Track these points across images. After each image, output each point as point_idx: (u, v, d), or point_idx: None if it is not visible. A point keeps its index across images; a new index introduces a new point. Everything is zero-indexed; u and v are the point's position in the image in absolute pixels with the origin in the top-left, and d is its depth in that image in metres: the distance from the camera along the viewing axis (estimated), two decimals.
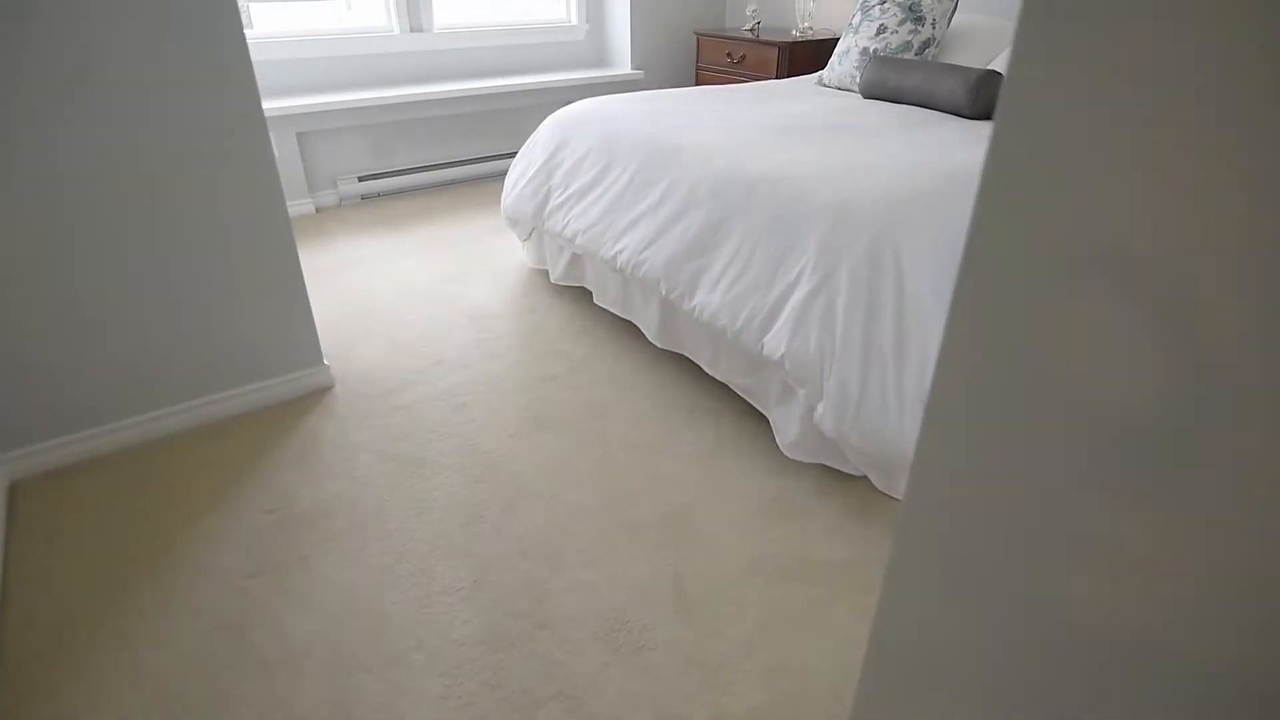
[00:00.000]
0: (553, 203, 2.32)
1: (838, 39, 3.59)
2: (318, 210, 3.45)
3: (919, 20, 2.66)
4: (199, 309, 1.78)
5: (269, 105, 3.07)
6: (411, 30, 3.58)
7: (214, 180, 1.68)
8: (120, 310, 1.69)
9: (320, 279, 2.69)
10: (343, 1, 3.53)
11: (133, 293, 1.69)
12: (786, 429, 1.68)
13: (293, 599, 1.40)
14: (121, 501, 1.62)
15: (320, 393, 2.02)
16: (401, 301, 2.52)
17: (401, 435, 1.85)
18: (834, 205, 1.56)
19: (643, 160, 2.04)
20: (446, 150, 3.78)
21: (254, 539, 1.53)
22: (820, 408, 1.51)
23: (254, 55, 3.21)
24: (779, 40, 3.47)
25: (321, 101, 3.18)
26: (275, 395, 1.97)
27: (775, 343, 1.57)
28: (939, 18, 2.66)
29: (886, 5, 2.74)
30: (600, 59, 4.24)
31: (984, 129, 2.16)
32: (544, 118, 4.01)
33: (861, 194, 1.57)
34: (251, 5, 3.35)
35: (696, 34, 3.89)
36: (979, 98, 2.26)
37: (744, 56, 3.64)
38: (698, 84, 3.95)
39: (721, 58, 3.76)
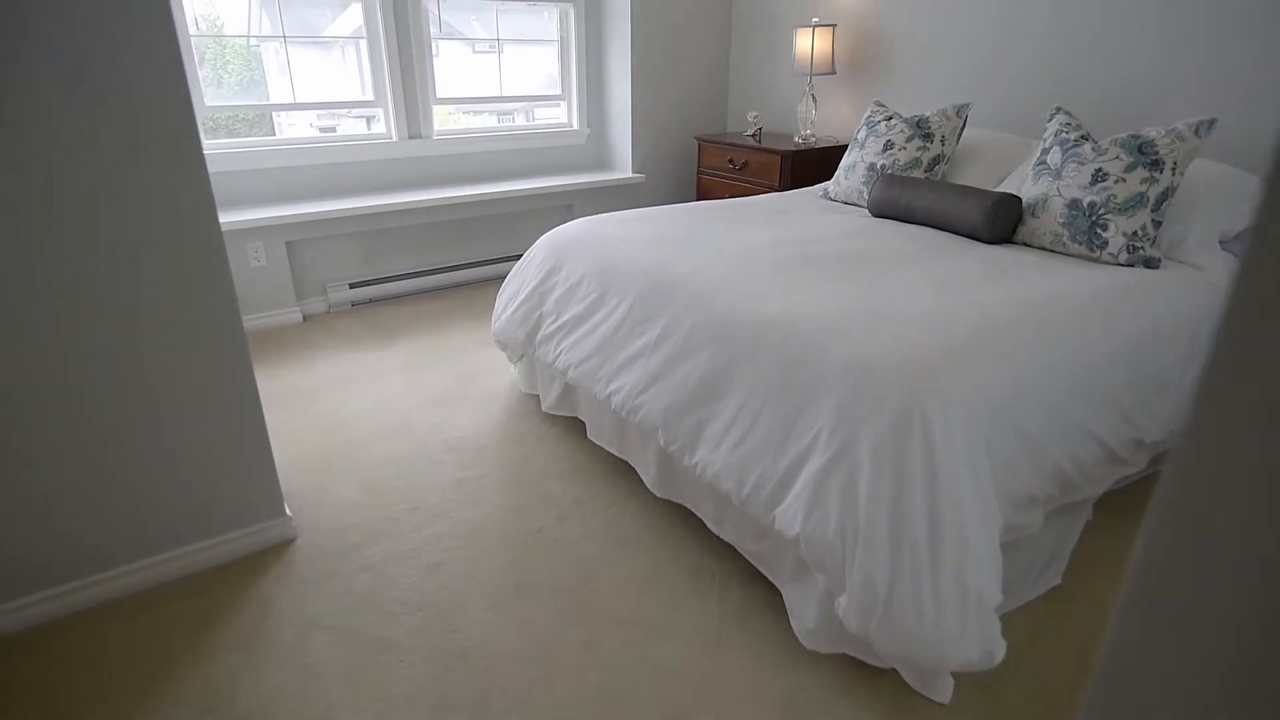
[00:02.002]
0: (544, 330, 2.17)
1: (840, 146, 3.54)
2: (305, 318, 3.32)
3: (927, 137, 2.57)
4: (139, 459, 1.59)
5: (259, 215, 2.98)
6: (410, 137, 3.54)
7: (159, 311, 1.53)
8: (38, 460, 1.50)
9: (299, 402, 2.52)
10: (344, 111, 3.51)
11: (53, 439, 1.50)
12: (803, 612, 1.47)
13: None
14: (29, 696, 1.40)
15: (281, 547, 1.82)
16: (382, 431, 2.34)
17: (365, 605, 1.63)
18: (852, 365, 1.39)
19: (640, 293, 1.90)
20: (441, 255, 3.69)
21: None
22: (843, 601, 1.30)
23: (244, 164, 3.15)
24: (781, 148, 3.41)
25: (314, 211, 3.09)
26: (229, 552, 1.76)
27: (789, 518, 1.37)
28: (948, 135, 2.57)
29: (893, 121, 2.67)
30: (601, 162, 4.21)
31: (1005, 258, 2.03)
32: (543, 221, 3.95)
33: (883, 352, 1.40)
34: (277, 115, 3.33)
35: (698, 139, 3.85)
36: (996, 221, 2.14)
37: (746, 163, 3.58)
38: (699, 188, 3.89)
39: (723, 163, 3.71)
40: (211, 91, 3.07)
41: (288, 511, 1.85)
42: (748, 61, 4.08)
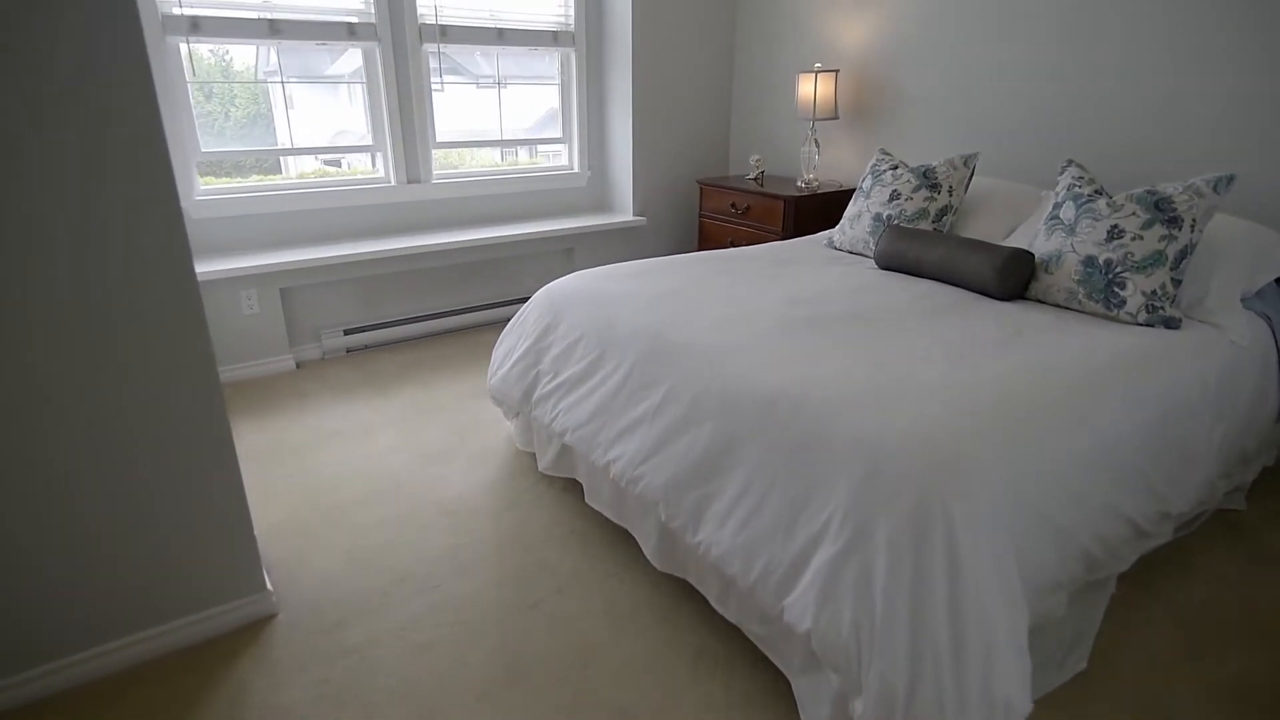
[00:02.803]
0: (541, 389, 2.09)
1: (844, 191, 3.50)
2: (299, 365, 3.25)
3: (934, 187, 2.52)
4: (101, 530, 1.50)
5: (254, 262, 2.93)
6: (409, 181, 3.51)
7: (127, 368, 1.44)
8: None
9: (286, 459, 2.44)
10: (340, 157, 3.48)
11: (10, 511, 1.41)
12: (815, 709, 1.36)
13: None
14: None
15: (260, 624, 1.72)
16: (372, 493, 2.25)
17: (345, 695, 1.53)
18: (865, 447, 1.31)
19: (640, 356, 1.82)
20: (439, 300, 3.63)
21: None
22: (859, 705, 1.20)
23: (241, 210, 3.11)
24: (784, 193, 3.36)
25: (309, 258, 3.04)
26: (204, 631, 1.66)
27: (799, 611, 1.28)
28: (955, 185, 2.52)
29: (899, 171, 2.62)
30: (602, 204, 4.17)
31: (1019, 316, 1.95)
32: (543, 265, 3.90)
33: (898, 433, 1.32)
34: (288, 158, 3.30)
35: (700, 183, 3.81)
36: (1008, 278, 2.07)
37: (749, 208, 3.54)
38: (700, 232, 3.84)
39: (725, 207, 3.66)
40: (218, 126, 3.04)
41: (268, 585, 1.75)
42: (750, 105, 4.06)
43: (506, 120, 3.78)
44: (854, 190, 3.55)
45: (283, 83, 3.15)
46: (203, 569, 1.63)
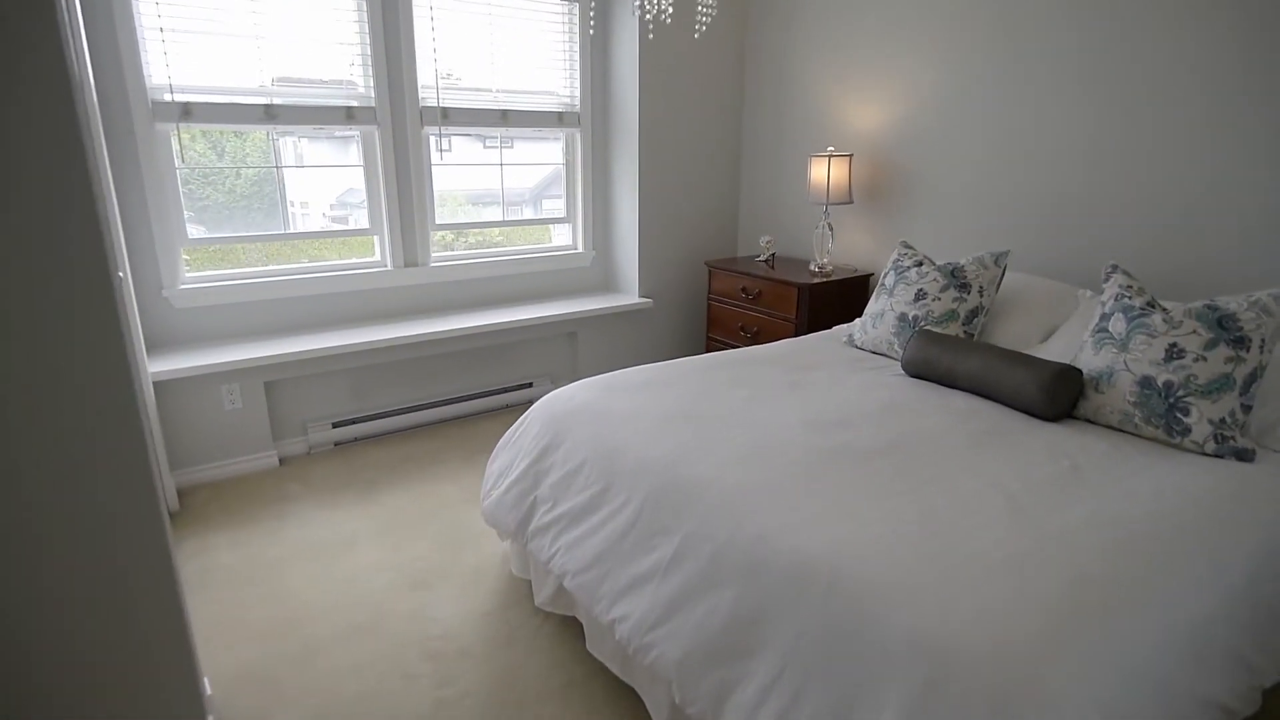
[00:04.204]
0: (538, 519, 1.88)
1: (860, 277, 3.35)
2: (282, 461, 3.05)
3: (963, 287, 2.35)
4: (17, 692, 1.27)
5: (238, 356, 2.75)
6: (406, 265, 3.37)
7: (46, 492, 1.24)
8: None
9: (260, 581, 2.21)
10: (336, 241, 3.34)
11: None
12: None
13: None
14: None
15: None
16: (349, 627, 2.02)
17: None
18: (923, 649, 1.10)
19: (650, 494, 1.62)
20: (435, 388, 3.45)
21: None
22: None
23: (227, 298, 2.95)
24: (798, 280, 3.21)
25: (298, 350, 2.86)
26: None
27: None
28: (986, 285, 2.36)
29: (924, 268, 2.46)
30: (607, 284, 4.03)
31: (1070, 443, 1.75)
32: (545, 350, 3.73)
33: (961, 630, 1.11)
34: (291, 209, 3.16)
35: (708, 264, 3.67)
36: (1055, 398, 1.88)
37: (760, 293, 3.38)
38: (709, 316, 3.69)
39: (735, 291, 3.51)
40: (220, 204, 2.91)
41: None
42: (759, 185, 3.96)
43: (510, 181, 3.66)
44: (870, 276, 3.40)
45: (277, 167, 3.04)
46: None
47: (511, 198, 3.74)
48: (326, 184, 3.32)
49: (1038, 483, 1.55)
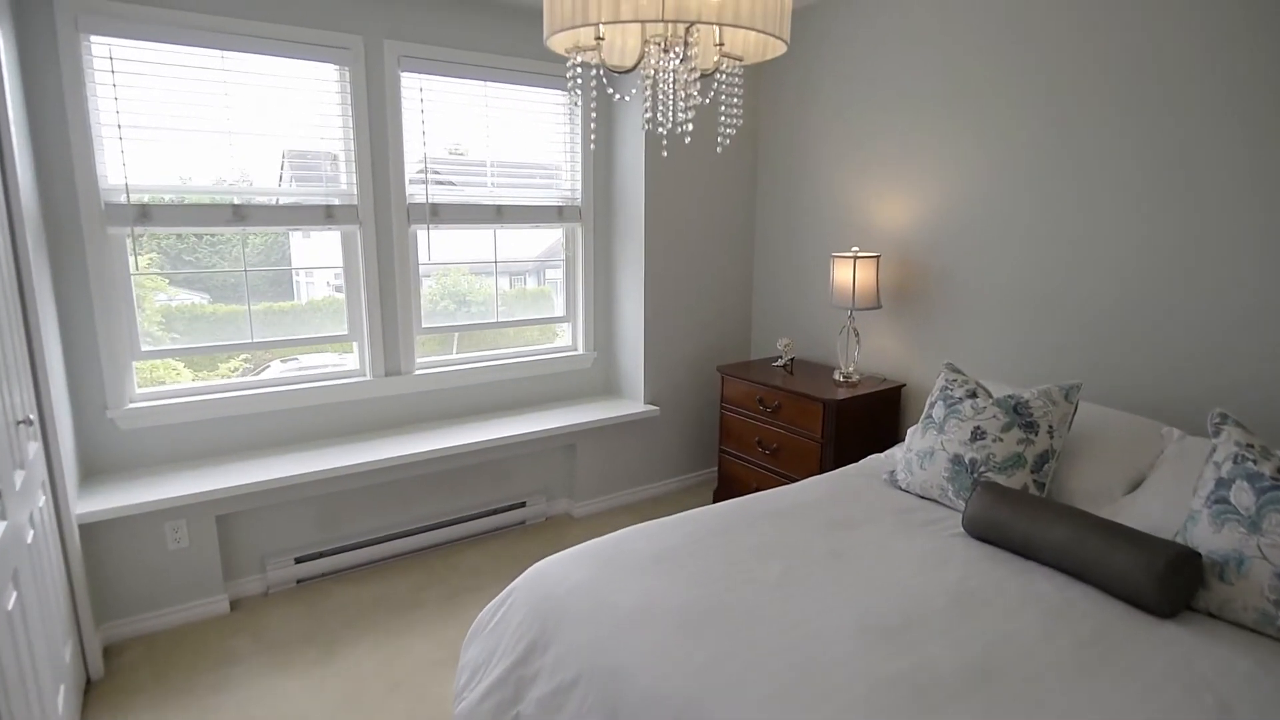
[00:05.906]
0: None
1: (891, 388, 3.00)
2: (234, 606, 2.64)
3: (1029, 427, 2.00)
4: None
5: (186, 490, 2.38)
6: (388, 374, 3.04)
7: None
8: None
9: None
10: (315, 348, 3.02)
11: None
12: None
13: None
14: None
15: None
16: None
17: None
18: None
19: None
20: (415, 511, 3.06)
21: None
22: None
23: (182, 416, 2.60)
24: (823, 394, 2.87)
25: (259, 480, 2.49)
26: None
27: None
28: (1056, 424, 2.00)
29: (979, 401, 2.11)
30: (609, 388, 3.69)
31: (1203, 661, 1.37)
32: (540, 464, 3.34)
33: None
34: (297, 275, 2.83)
35: (720, 370, 3.34)
36: (1171, 591, 1.50)
37: (780, 406, 3.03)
38: (722, 428, 3.33)
39: (752, 401, 3.16)
40: (188, 308, 2.59)
41: None
42: (776, 284, 3.66)
43: (511, 250, 3.35)
44: (902, 386, 3.06)
45: (246, 270, 2.74)
46: None
47: (514, 268, 3.44)
48: (309, 279, 3.03)
49: None
